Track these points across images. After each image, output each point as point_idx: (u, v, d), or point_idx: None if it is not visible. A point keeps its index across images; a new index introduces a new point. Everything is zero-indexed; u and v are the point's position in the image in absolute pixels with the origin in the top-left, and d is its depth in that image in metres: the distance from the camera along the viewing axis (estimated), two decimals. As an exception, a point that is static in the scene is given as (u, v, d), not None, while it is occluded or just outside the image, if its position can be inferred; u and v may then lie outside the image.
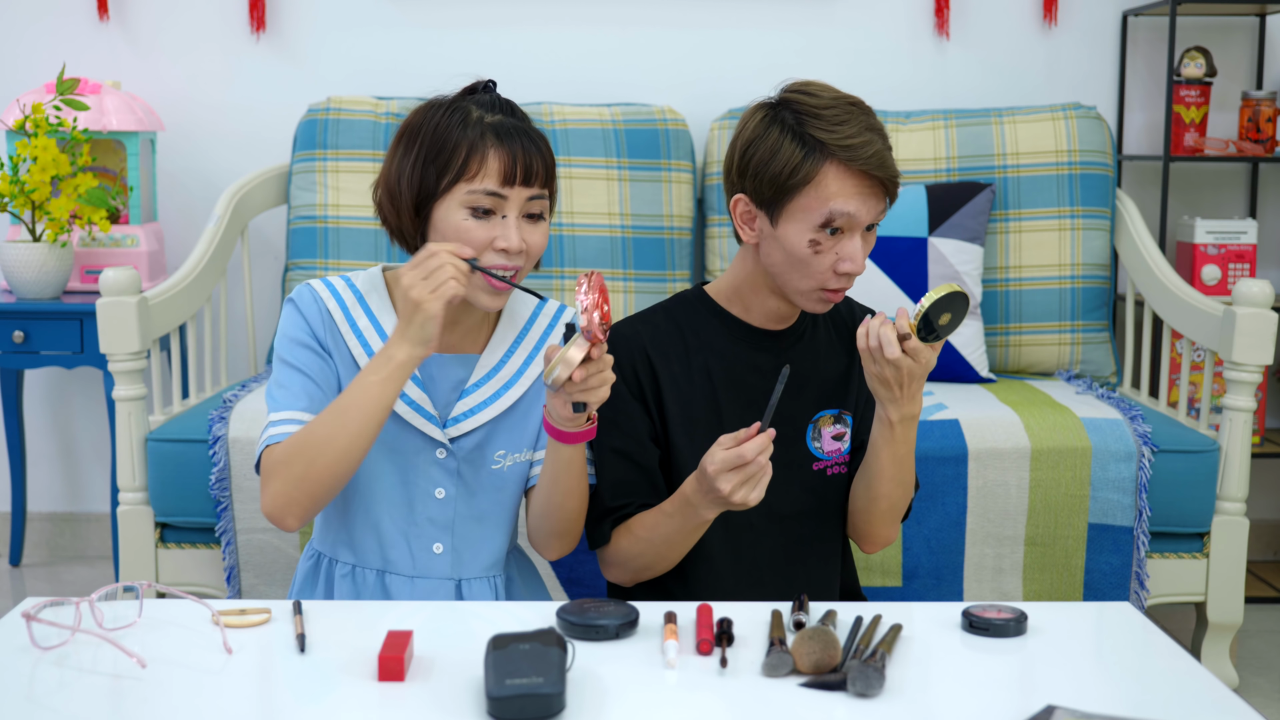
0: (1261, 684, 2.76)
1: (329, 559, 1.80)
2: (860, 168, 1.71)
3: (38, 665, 1.34)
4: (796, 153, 1.72)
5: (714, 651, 1.38)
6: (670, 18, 3.39)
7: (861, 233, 1.75)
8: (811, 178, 1.72)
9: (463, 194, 1.67)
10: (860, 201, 1.72)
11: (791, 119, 1.74)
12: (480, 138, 1.67)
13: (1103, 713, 1.24)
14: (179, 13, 3.38)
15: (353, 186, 3.04)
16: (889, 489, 1.79)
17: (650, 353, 1.82)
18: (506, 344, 1.81)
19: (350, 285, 1.79)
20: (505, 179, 1.67)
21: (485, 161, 1.67)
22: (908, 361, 1.66)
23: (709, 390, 1.83)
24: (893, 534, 1.88)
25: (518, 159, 1.67)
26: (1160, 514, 2.53)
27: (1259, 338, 2.54)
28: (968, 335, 2.91)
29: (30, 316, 3.01)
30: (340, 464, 1.63)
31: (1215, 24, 3.41)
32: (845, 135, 1.71)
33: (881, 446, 1.76)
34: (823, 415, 1.86)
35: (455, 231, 1.67)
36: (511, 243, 1.67)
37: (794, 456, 1.84)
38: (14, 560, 3.44)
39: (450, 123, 1.69)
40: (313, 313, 1.75)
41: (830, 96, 1.75)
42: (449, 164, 1.67)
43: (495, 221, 1.68)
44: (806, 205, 1.72)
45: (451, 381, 1.78)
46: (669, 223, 3.08)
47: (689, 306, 1.87)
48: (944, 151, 3.09)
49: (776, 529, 1.84)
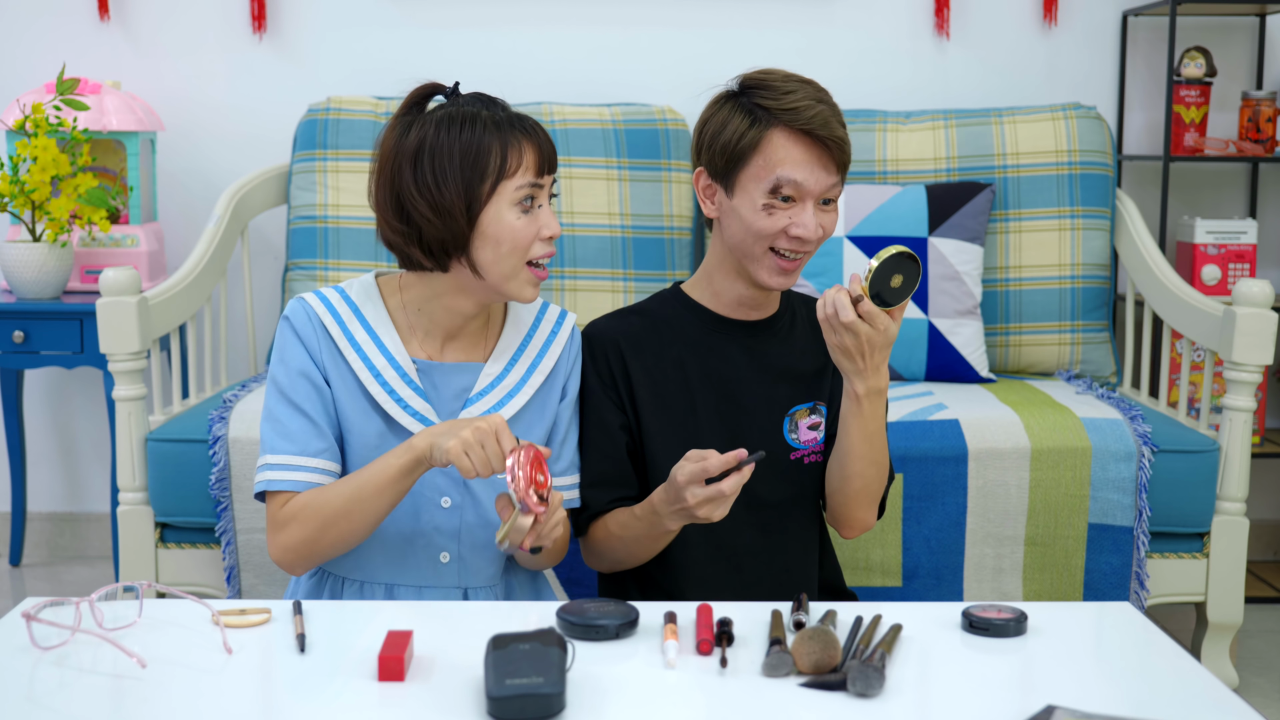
0: (1261, 684, 2.76)
1: (334, 576, 1.79)
2: (803, 128, 1.75)
3: (38, 665, 1.34)
4: (744, 121, 1.79)
5: (714, 651, 1.38)
6: (670, 18, 3.39)
7: (816, 204, 1.78)
8: (757, 143, 1.77)
9: (510, 191, 1.68)
10: (808, 170, 1.76)
11: (742, 95, 1.81)
12: (509, 134, 1.69)
13: (1103, 713, 1.24)
14: (179, 13, 3.38)
15: (353, 186, 3.04)
16: (861, 467, 1.80)
17: (623, 346, 1.87)
18: (510, 351, 1.80)
19: (345, 297, 1.78)
20: (540, 168, 1.70)
21: (523, 155, 1.69)
22: (864, 327, 1.68)
23: (681, 380, 1.86)
24: (869, 518, 1.88)
25: (543, 145, 1.71)
26: (1160, 514, 2.53)
27: (1259, 338, 2.54)
28: (968, 335, 2.91)
29: (30, 316, 3.01)
30: (352, 536, 1.69)
31: (1215, 24, 3.41)
32: (790, 101, 1.76)
33: (850, 422, 1.77)
34: (799, 409, 1.89)
35: (510, 232, 1.68)
36: (555, 229, 1.71)
37: (771, 447, 1.86)
38: (14, 560, 3.45)
39: (471, 129, 1.68)
40: (308, 332, 1.75)
41: (782, 74, 1.81)
42: (488, 167, 1.67)
43: (535, 213, 1.71)
44: (755, 174, 1.77)
45: (455, 389, 1.77)
46: (669, 223, 3.09)
47: (663, 302, 1.93)
48: (944, 151, 3.09)
49: (755, 517, 1.87)
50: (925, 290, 2.89)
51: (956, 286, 2.91)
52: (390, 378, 1.74)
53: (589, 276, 3.00)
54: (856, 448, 1.79)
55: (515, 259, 1.70)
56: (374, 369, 1.74)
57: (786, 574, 1.88)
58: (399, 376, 1.74)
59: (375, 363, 1.74)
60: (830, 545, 2.01)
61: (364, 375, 1.74)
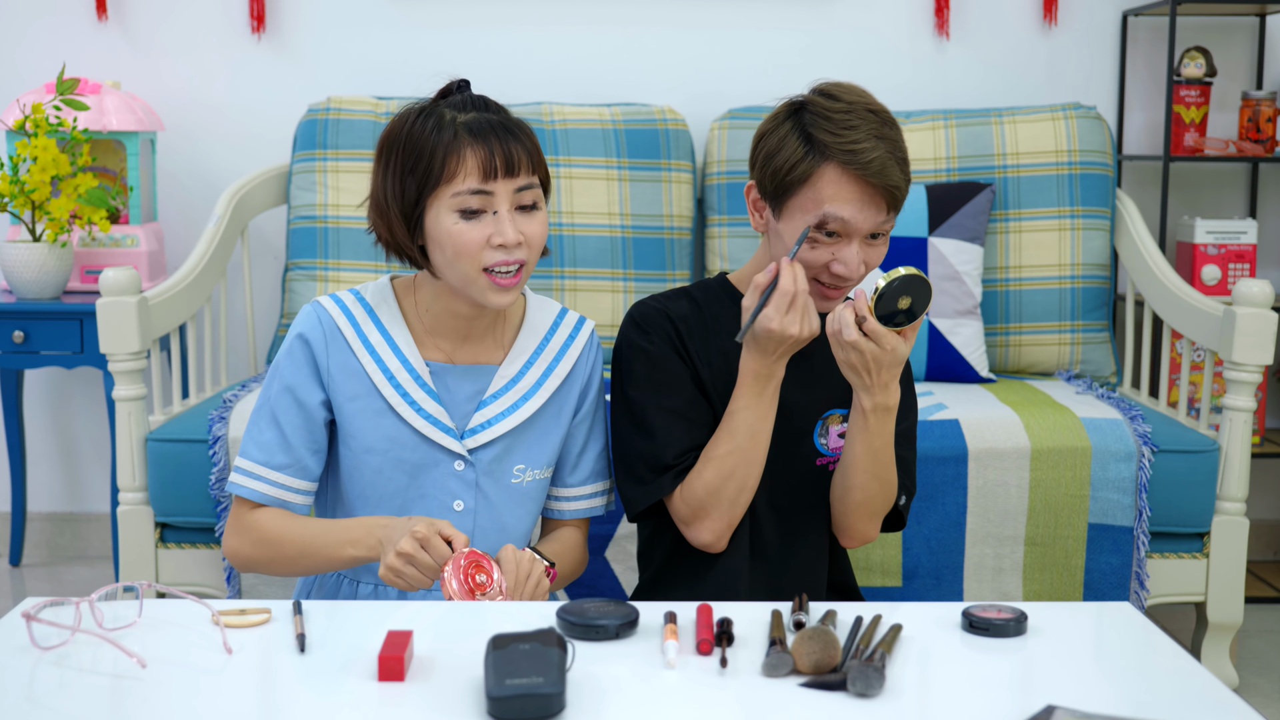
0: (1261, 684, 2.76)
1: (349, 579, 1.79)
2: (857, 173, 1.70)
3: (38, 665, 1.34)
4: (799, 150, 1.73)
5: (714, 651, 1.38)
6: (670, 18, 3.39)
7: (863, 240, 1.74)
8: (808, 177, 1.72)
9: (448, 198, 1.65)
10: (857, 208, 1.71)
11: (804, 117, 1.74)
12: (454, 138, 1.65)
13: (1103, 713, 1.23)
14: (179, 13, 3.38)
15: (353, 186, 3.04)
16: (862, 480, 1.79)
17: (678, 324, 1.84)
18: (526, 355, 1.79)
19: (360, 299, 1.77)
20: (486, 174, 1.65)
21: (463, 161, 1.65)
22: (869, 345, 1.66)
23: (724, 369, 1.83)
24: (870, 531, 1.86)
25: (495, 152, 1.65)
26: (1160, 514, 2.53)
27: (1259, 338, 2.54)
28: (968, 335, 2.91)
29: (30, 316, 3.01)
30: (296, 573, 1.78)
31: (1215, 24, 3.41)
32: (849, 140, 1.70)
33: (855, 435, 1.76)
34: (832, 414, 1.87)
35: (449, 236, 1.65)
36: (507, 237, 1.65)
37: (801, 449, 1.85)
38: (14, 560, 3.44)
39: (424, 129, 1.67)
40: (317, 337, 1.74)
41: (849, 100, 1.74)
42: (429, 171, 1.65)
43: (488, 219, 1.66)
44: (803, 205, 1.73)
45: (468, 392, 1.76)
46: (669, 223, 3.08)
47: (710, 291, 1.89)
48: (944, 151, 3.09)
49: (776, 517, 1.86)
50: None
51: (956, 286, 2.91)
52: (404, 380, 1.74)
53: (589, 276, 3.00)
54: (860, 461, 1.77)
55: (465, 265, 1.66)
56: (388, 372, 1.73)
57: (798, 576, 1.87)
58: (412, 379, 1.74)
59: (389, 365, 1.74)
60: (844, 552, 1.98)
61: (378, 378, 1.73)
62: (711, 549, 1.80)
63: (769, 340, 1.71)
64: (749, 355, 1.74)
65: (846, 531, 1.88)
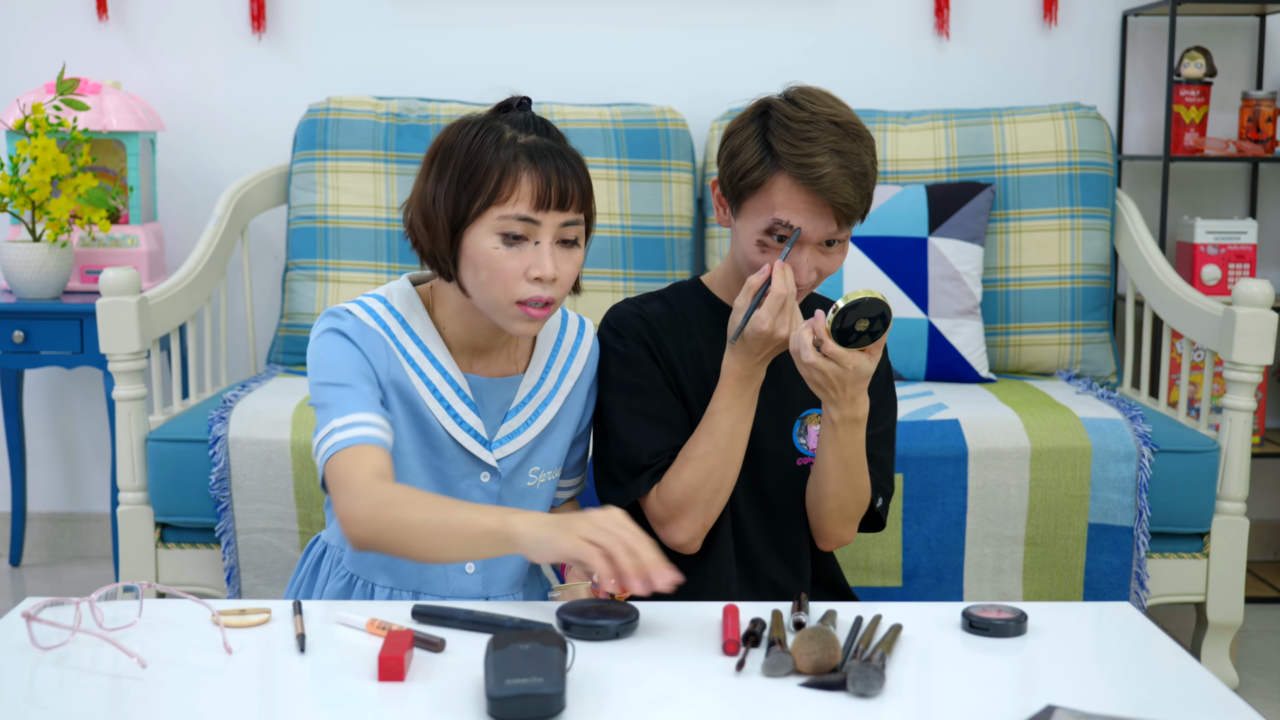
0: (1261, 684, 2.76)
1: (364, 582, 1.77)
2: (807, 187, 1.70)
3: (38, 665, 1.34)
4: (755, 155, 1.74)
5: (740, 652, 1.38)
6: (670, 18, 3.39)
7: (816, 247, 1.74)
8: (761, 183, 1.73)
9: (494, 219, 1.60)
10: (807, 219, 1.71)
11: (767, 123, 1.75)
12: (513, 159, 1.60)
13: (1103, 713, 1.24)
14: (179, 12, 3.38)
15: (353, 186, 3.04)
16: (835, 488, 1.79)
17: (654, 326, 1.85)
18: (544, 361, 1.79)
19: (389, 308, 1.70)
20: (539, 203, 1.60)
21: (518, 185, 1.60)
22: (829, 365, 1.66)
23: (699, 372, 1.85)
24: (846, 534, 1.87)
25: (552, 181, 1.60)
26: (1160, 514, 2.53)
27: (1259, 338, 2.54)
28: (968, 335, 2.91)
29: (30, 316, 3.01)
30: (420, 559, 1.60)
31: (1215, 24, 3.41)
32: (803, 152, 1.70)
33: (825, 444, 1.77)
34: (810, 413, 1.88)
35: (486, 259, 1.60)
36: (545, 270, 1.60)
37: (781, 449, 1.86)
38: (14, 560, 3.44)
39: (483, 144, 1.62)
40: (369, 340, 1.66)
41: (813, 110, 1.73)
42: (481, 187, 1.60)
43: (528, 249, 1.61)
44: (755, 209, 1.75)
45: (499, 404, 1.74)
46: (669, 223, 3.09)
47: (683, 293, 1.91)
48: (944, 151, 3.09)
49: (760, 514, 1.87)
50: (925, 290, 2.90)
51: (956, 286, 2.91)
52: (446, 393, 1.70)
53: (589, 276, 3.00)
54: (831, 469, 1.78)
55: (497, 292, 1.61)
56: (430, 384, 1.69)
57: (781, 576, 1.88)
58: (454, 391, 1.70)
59: (430, 377, 1.69)
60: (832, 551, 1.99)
61: (422, 391, 1.68)
62: (685, 550, 1.81)
63: (757, 341, 1.71)
64: (733, 356, 1.75)
65: (823, 535, 1.88)
